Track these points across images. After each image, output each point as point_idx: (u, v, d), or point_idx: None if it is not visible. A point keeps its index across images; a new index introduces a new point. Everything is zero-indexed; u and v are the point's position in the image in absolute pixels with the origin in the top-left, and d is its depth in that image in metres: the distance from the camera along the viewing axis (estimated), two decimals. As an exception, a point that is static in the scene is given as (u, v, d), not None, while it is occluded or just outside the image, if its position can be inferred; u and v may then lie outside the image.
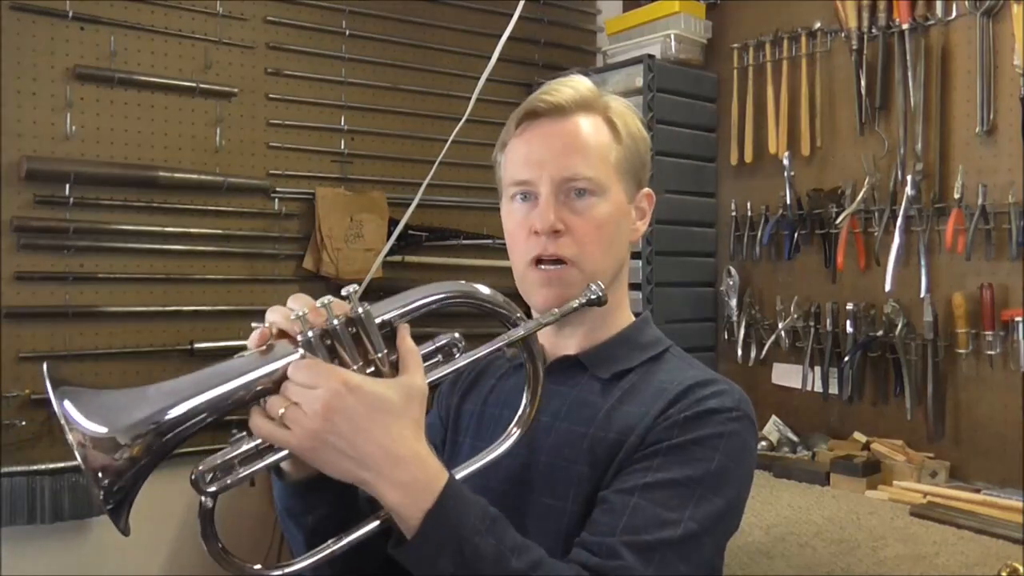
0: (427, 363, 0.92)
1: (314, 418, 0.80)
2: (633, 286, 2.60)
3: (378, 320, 0.87)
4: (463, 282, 0.93)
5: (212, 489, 0.83)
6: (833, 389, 2.53)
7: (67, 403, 0.77)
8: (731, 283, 2.80)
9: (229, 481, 0.83)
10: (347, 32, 2.73)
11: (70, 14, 2.26)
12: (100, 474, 0.76)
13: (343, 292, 0.87)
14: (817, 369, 2.58)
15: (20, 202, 2.22)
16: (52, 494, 2.15)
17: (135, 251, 2.37)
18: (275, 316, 0.87)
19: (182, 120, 2.45)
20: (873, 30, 2.45)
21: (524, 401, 0.97)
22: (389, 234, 2.68)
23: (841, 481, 2.21)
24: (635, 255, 2.64)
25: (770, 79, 2.72)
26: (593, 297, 0.99)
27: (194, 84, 2.44)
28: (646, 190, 1.14)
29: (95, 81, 2.31)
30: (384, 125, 2.81)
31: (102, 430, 0.77)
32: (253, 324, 0.86)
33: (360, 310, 0.85)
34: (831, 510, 2.04)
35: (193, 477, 0.82)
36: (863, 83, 2.48)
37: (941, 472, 2.20)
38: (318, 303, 0.85)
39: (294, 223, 2.64)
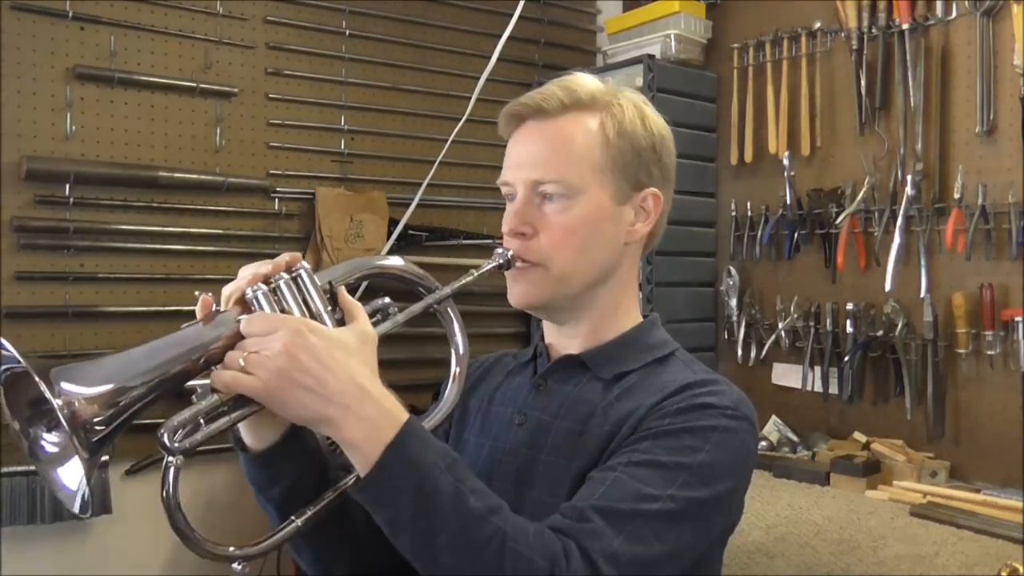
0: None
1: (277, 358, 0.81)
2: (633, 286, 2.59)
3: None
4: (385, 256, 1.03)
5: (183, 446, 0.81)
6: (833, 389, 2.53)
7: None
8: (731, 283, 2.80)
9: (199, 437, 0.82)
10: (347, 32, 2.73)
11: (70, 14, 2.26)
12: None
13: (284, 255, 0.90)
14: (817, 369, 2.58)
15: (20, 202, 2.22)
16: (52, 494, 2.15)
17: (135, 251, 2.37)
18: (226, 286, 0.91)
19: (182, 120, 2.45)
20: (873, 30, 2.45)
21: (452, 366, 1.02)
22: (389, 234, 2.69)
23: (841, 481, 2.21)
24: (635, 255, 2.64)
25: (770, 79, 2.72)
26: (502, 261, 1.06)
27: (194, 84, 2.44)
28: (651, 190, 1.10)
29: (95, 81, 2.31)
30: (384, 125, 2.81)
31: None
32: (196, 292, 0.89)
33: (302, 269, 0.90)
34: (831, 510, 2.04)
35: (160, 435, 0.80)
36: (863, 83, 2.48)
37: (941, 472, 2.20)
38: (261, 263, 0.89)
39: (294, 223, 2.64)
